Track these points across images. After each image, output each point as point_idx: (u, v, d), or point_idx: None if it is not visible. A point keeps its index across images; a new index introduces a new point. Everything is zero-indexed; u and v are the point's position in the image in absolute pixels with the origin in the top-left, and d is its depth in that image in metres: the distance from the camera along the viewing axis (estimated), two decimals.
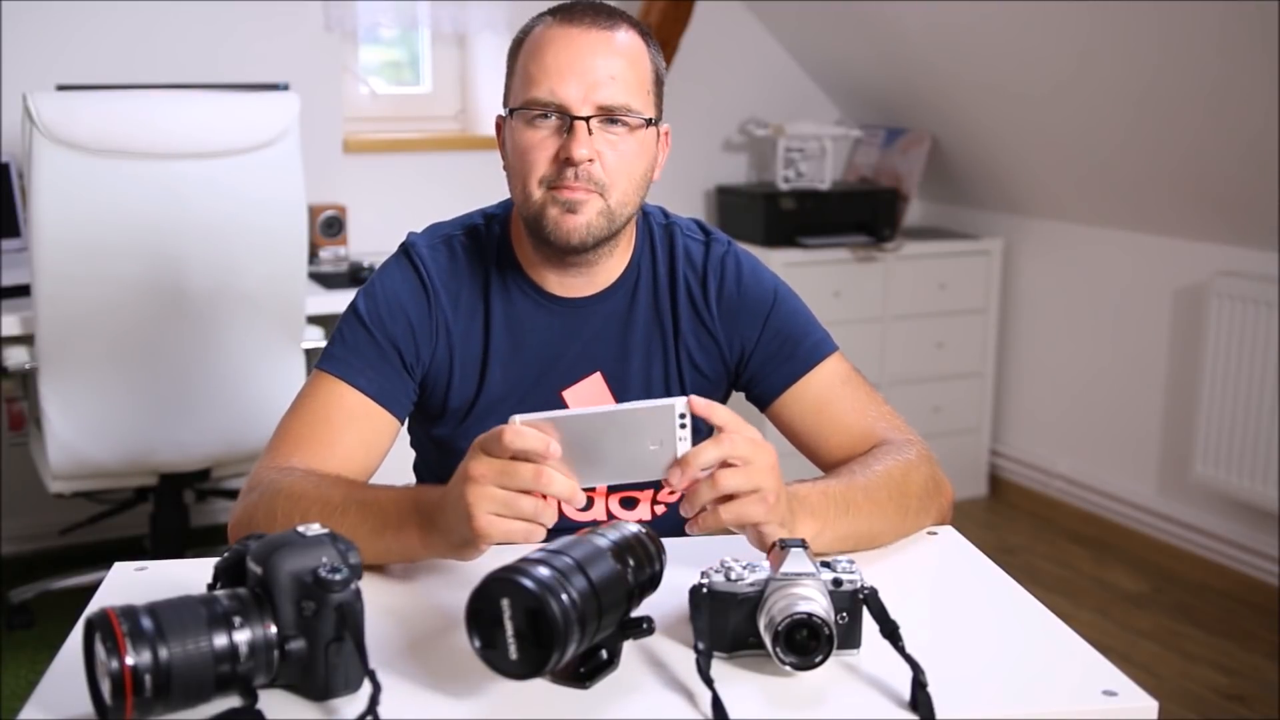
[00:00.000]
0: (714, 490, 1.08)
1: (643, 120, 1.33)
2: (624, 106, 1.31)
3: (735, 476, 1.08)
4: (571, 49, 1.30)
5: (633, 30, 1.34)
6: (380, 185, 3.49)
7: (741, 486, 1.09)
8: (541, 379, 1.42)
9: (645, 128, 1.34)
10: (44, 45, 3.07)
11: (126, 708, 0.86)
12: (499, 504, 1.05)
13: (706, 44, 3.76)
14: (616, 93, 1.30)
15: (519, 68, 1.35)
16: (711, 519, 1.10)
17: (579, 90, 1.29)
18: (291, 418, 1.35)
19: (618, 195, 1.33)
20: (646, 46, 1.36)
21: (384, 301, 1.39)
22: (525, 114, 1.32)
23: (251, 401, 2.56)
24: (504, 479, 1.04)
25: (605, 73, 1.30)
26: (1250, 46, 2.62)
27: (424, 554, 1.17)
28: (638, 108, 1.32)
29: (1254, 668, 2.81)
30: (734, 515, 1.09)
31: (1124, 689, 0.98)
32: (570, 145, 1.29)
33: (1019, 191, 3.73)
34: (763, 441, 1.11)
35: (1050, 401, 3.77)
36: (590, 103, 1.30)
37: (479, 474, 1.05)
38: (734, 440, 1.08)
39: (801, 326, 1.45)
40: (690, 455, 1.07)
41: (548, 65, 1.30)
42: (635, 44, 1.34)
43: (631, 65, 1.32)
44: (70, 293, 2.35)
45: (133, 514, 3.05)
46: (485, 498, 1.05)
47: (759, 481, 1.09)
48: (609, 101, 1.30)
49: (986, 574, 1.25)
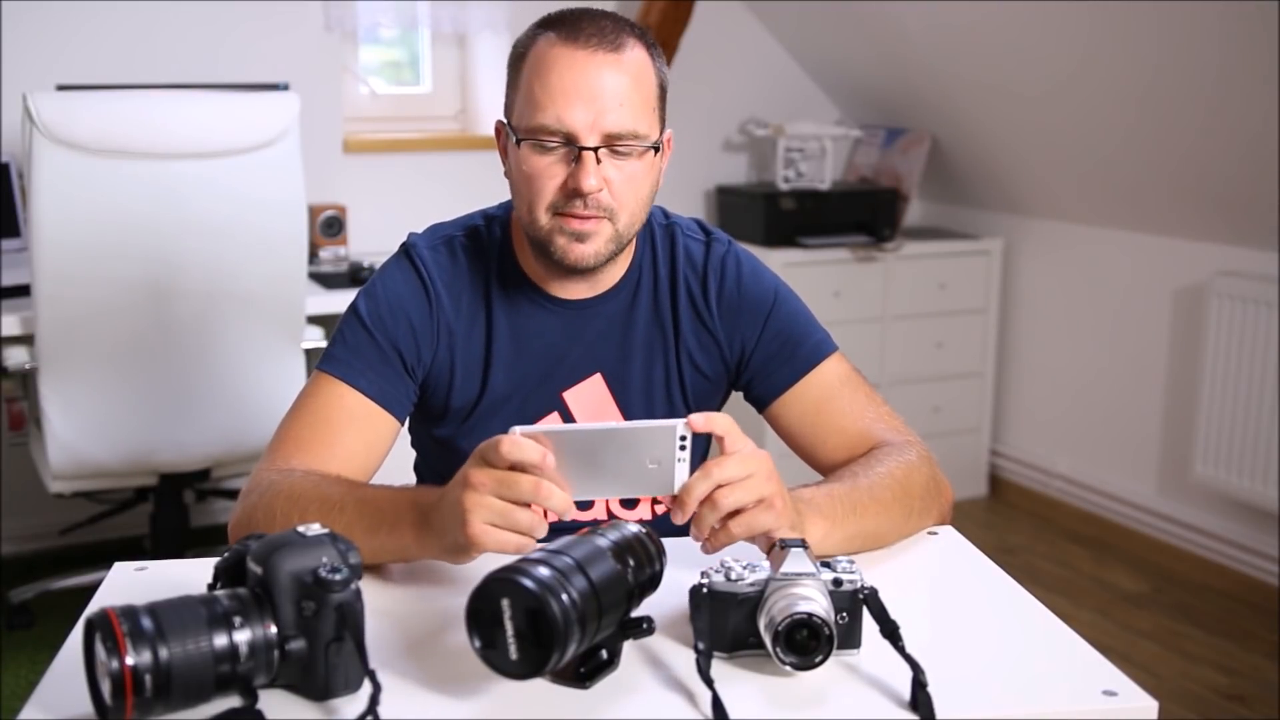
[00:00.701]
0: (716, 512, 1.09)
1: (649, 146, 1.32)
2: (631, 133, 1.29)
3: (734, 493, 1.09)
4: (576, 72, 1.28)
5: (638, 44, 1.32)
6: (380, 185, 3.49)
7: (743, 501, 1.09)
8: (543, 380, 1.42)
9: (652, 151, 1.33)
10: (44, 45, 3.07)
11: (126, 708, 0.86)
12: (495, 514, 1.05)
13: (706, 44, 3.76)
14: (624, 119, 1.29)
15: (523, 85, 1.32)
16: (723, 536, 1.11)
17: (586, 117, 1.27)
18: (292, 419, 1.35)
19: (626, 218, 1.33)
20: (651, 60, 1.33)
21: (385, 302, 1.38)
22: (532, 140, 1.30)
23: (251, 401, 2.56)
24: (502, 489, 1.05)
25: (613, 99, 1.28)
26: (1250, 46, 2.62)
27: (418, 554, 1.16)
28: (644, 132, 1.31)
29: (1254, 668, 2.81)
30: (744, 528, 1.10)
31: (1124, 689, 0.98)
32: (579, 176, 1.28)
33: (1019, 191, 3.73)
34: (754, 452, 1.11)
35: (1050, 401, 3.77)
36: (598, 131, 1.28)
37: (478, 482, 1.05)
38: (723, 466, 1.09)
39: (802, 327, 1.45)
40: (683, 493, 1.09)
41: (553, 89, 1.28)
42: (640, 61, 1.31)
43: (637, 86, 1.30)
44: (70, 293, 2.35)
45: (133, 514, 3.05)
46: (481, 506, 1.05)
47: (760, 491, 1.10)
48: (616, 129, 1.28)
49: (986, 574, 1.25)
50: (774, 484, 1.11)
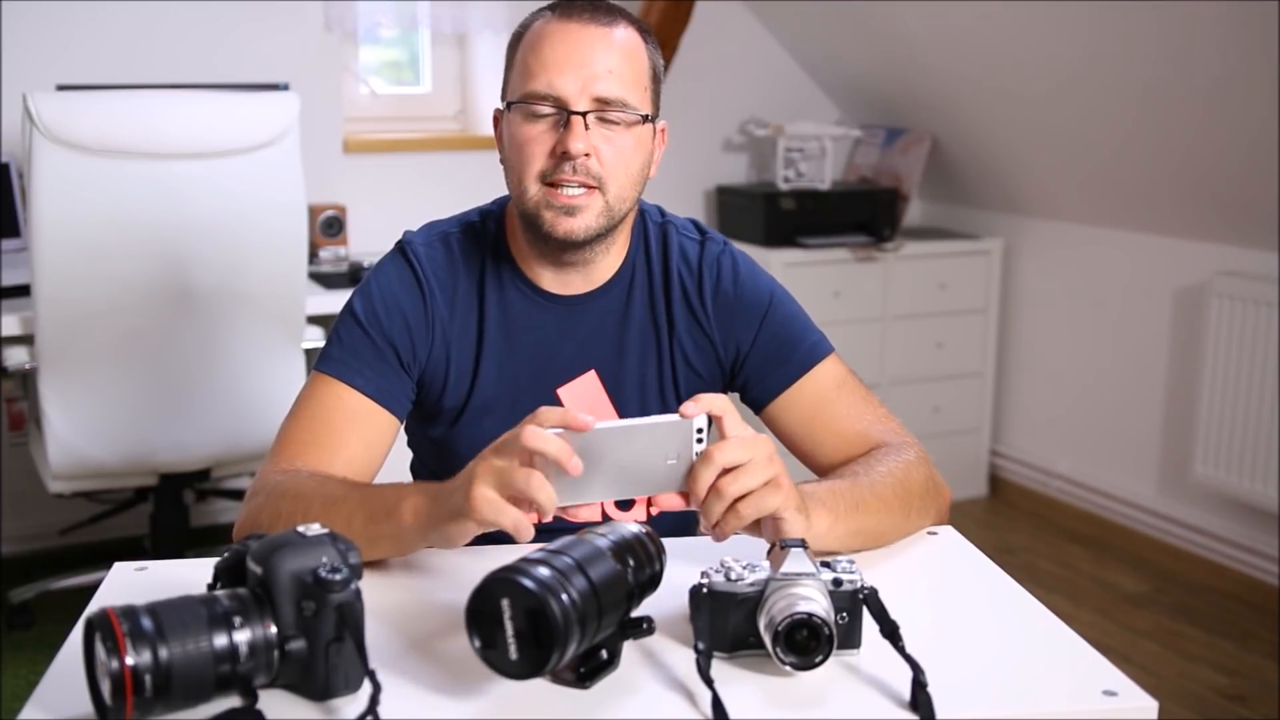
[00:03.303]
0: (723, 500, 1.09)
1: (639, 116, 1.34)
2: (620, 100, 1.32)
3: (739, 479, 1.09)
4: (569, 42, 1.31)
5: (631, 27, 1.35)
6: (380, 185, 3.49)
7: (749, 485, 1.09)
8: (537, 377, 1.42)
9: (642, 124, 1.35)
10: (44, 45, 3.07)
11: (126, 708, 0.86)
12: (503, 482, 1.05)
13: (706, 44, 3.76)
14: (613, 87, 1.31)
15: (517, 61, 1.36)
16: (732, 520, 1.10)
17: (576, 84, 1.30)
18: (292, 421, 1.35)
19: (615, 190, 1.34)
20: (645, 43, 1.36)
21: (380, 300, 1.39)
22: (523, 107, 1.32)
23: (252, 401, 2.56)
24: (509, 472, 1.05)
25: (603, 67, 1.31)
26: (1250, 46, 2.62)
27: (414, 535, 1.15)
28: (634, 103, 1.33)
29: (1254, 668, 2.81)
30: (753, 508, 1.10)
31: (1124, 689, 0.98)
32: (567, 139, 1.30)
33: (1019, 191, 3.73)
34: (754, 436, 1.11)
35: (1050, 401, 3.77)
36: (587, 96, 1.30)
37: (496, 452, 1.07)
38: (724, 450, 1.09)
39: (798, 329, 1.45)
40: (691, 483, 1.09)
41: (545, 58, 1.31)
42: (633, 40, 1.35)
43: (628, 60, 1.33)
44: (70, 293, 2.35)
45: (133, 514, 3.05)
46: (491, 472, 1.06)
47: (764, 473, 1.10)
48: (605, 95, 1.31)
49: (986, 574, 1.25)
50: (776, 464, 1.11)
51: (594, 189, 1.32)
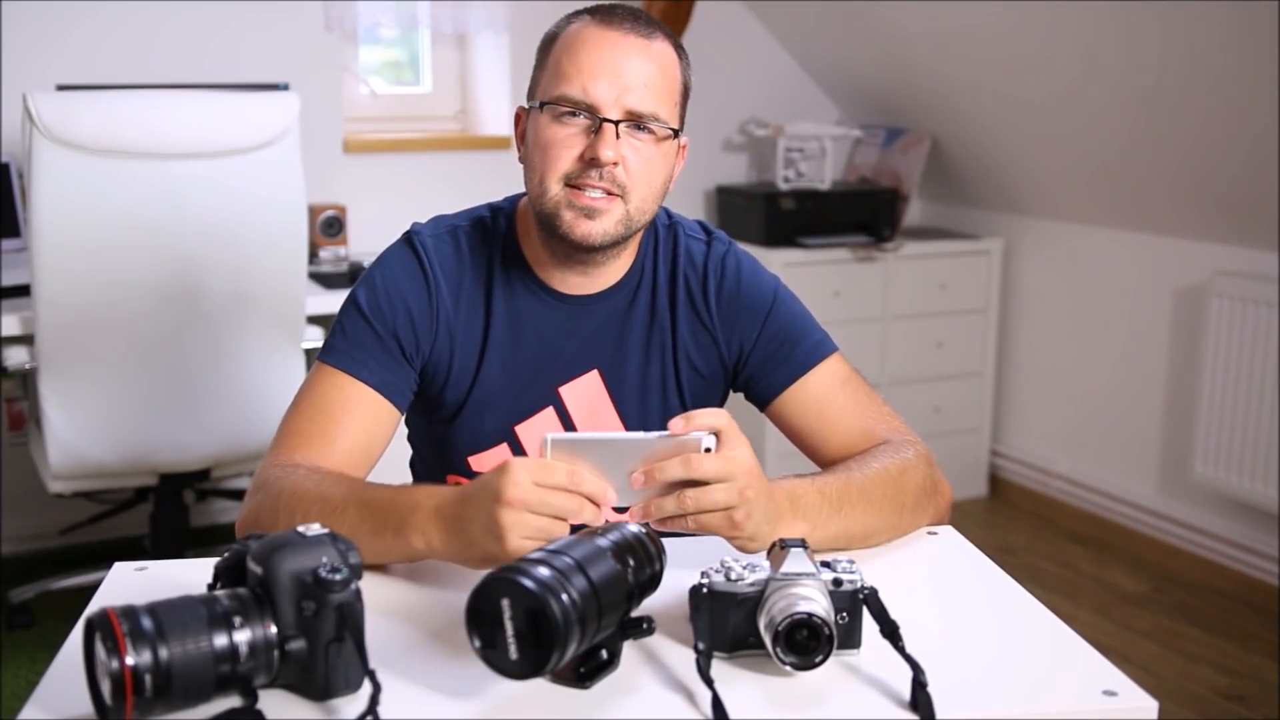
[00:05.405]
0: (679, 508, 1.09)
1: (668, 131, 1.34)
2: (652, 114, 1.32)
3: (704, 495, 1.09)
4: (607, 50, 1.31)
5: (668, 42, 1.36)
6: (380, 185, 3.49)
7: (707, 505, 1.09)
8: (539, 374, 1.42)
9: (670, 138, 1.35)
10: (44, 45, 3.07)
11: (127, 708, 0.86)
12: (533, 529, 1.05)
13: (706, 44, 3.75)
14: (646, 100, 1.31)
15: (551, 61, 1.35)
16: (674, 522, 1.10)
17: (611, 92, 1.30)
18: (294, 412, 1.35)
19: (637, 201, 1.34)
20: (679, 59, 1.38)
21: (383, 291, 1.38)
22: (553, 109, 1.32)
23: (252, 401, 2.56)
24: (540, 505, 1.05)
25: (639, 79, 1.31)
26: (1251, 47, 2.62)
27: (425, 557, 1.16)
28: (665, 117, 1.33)
29: (1254, 668, 2.81)
30: (696, 524, 1.10)
31: (1124, 689, 0.98)
32: (597, 145, 1.30)
33: (1019, 191, 3.73)
34: (739, 458, 1.10)
35: (1050, 401, 3.77)
36: (620, 106, 1.31)
37: (513, 498, 1.05)
38: (703, 463, 1.08)
39: (800, 327, 1.45)
40: (657, 470, 1.08)
41: (581, 63, 1.31)
42: (669, 55, 1.35)
43: (664, 75, 1.34)
44: (70, 293, 2.35)
45: (133, 514, 3.05)
46: (520, 523, 1.05)
47: (727, 500, 1.09)
48: (639, 108, 1.31)
49: (986, 574, 1.25)
50: (745, 495, 1.10)
51: (616, 196, 1.32)
